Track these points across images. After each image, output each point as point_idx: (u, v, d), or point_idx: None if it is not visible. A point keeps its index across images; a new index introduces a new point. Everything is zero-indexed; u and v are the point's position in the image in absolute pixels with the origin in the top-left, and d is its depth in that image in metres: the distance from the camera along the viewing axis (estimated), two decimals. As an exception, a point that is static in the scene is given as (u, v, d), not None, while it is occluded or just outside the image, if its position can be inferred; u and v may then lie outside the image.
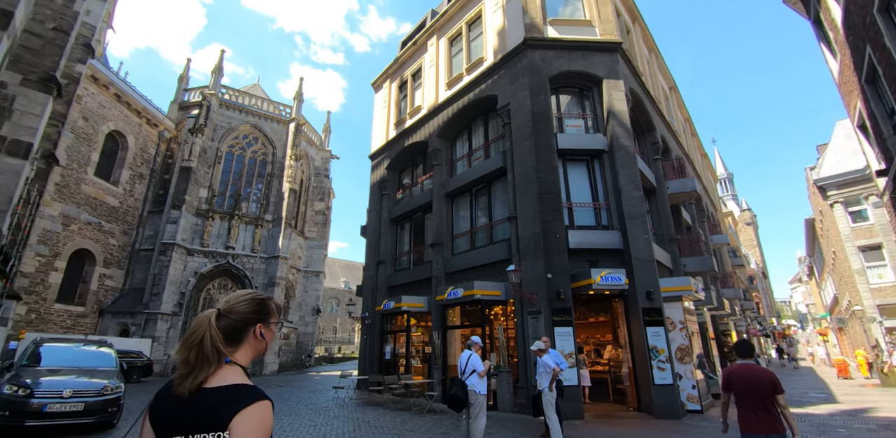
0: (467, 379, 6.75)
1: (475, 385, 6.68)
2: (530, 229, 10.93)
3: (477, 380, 6.70)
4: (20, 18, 7.23)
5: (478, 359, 6.90)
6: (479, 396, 6.65)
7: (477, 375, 6.74)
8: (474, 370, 6.78)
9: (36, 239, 17.34)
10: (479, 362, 6.88)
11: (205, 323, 1.32)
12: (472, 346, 7.14)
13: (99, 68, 20.58)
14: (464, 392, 6.63)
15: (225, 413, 1.16)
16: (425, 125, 16.06)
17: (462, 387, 6.67)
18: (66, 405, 6.74)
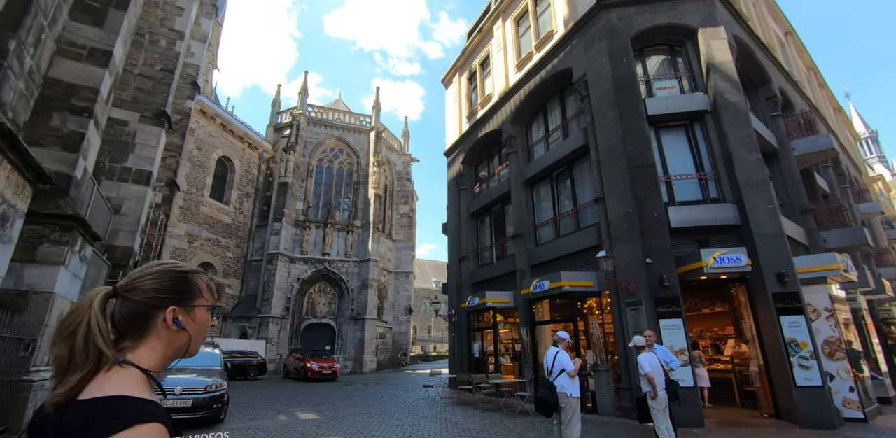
0: (556, 380, 5.87)
1: (565, 386, 5.76)
2: (621, 209, 9.60)
3: (567, 381, 5.78)
4: (119, 57, 8.09)
5: (566, 357, 5.97)
6: (570, 399, 5.72)
7: (566, 375, 5.82)
8: (563, 369, 5.87)
9: (168, 256, 19.96)
10: (568, 360, 5.96)
11: (85, 306, 0.88)
12: (559, 342, 6.24)
13: (206, 103, 23.32)
14: (552, 394, 5.75)
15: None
16: (497, 113, 15.35)
17: (550, 389, 5.80)
18: (178, 401, 7.20)
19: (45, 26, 5.18)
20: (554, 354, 6.08)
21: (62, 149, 6.98)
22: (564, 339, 6.29)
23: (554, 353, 6.09)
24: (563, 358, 5.98)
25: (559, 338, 6.28)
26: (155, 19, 15.14)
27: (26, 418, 5.67)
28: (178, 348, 0.99)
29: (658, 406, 5.69)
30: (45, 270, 6.20)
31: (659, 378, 5.82)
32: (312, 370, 16.96)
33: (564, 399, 5.77)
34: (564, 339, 6.29)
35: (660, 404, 5.69)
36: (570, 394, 5.78)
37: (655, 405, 5.70)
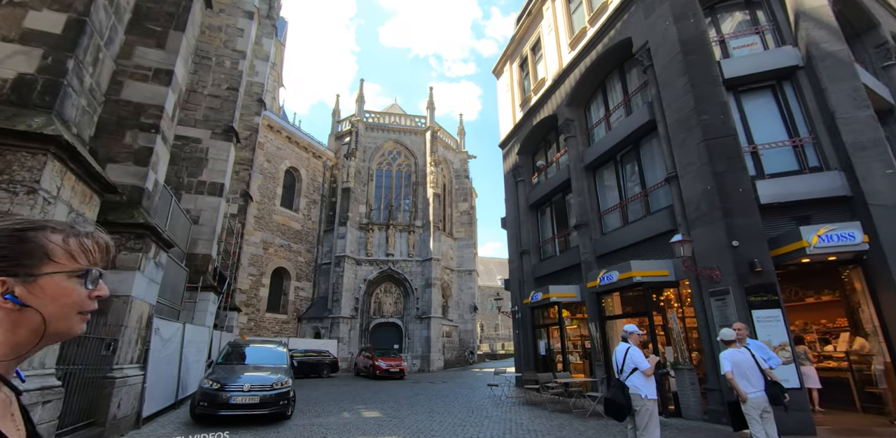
0: (627, 379, 5.20)
1: (639, 386, 5.08)
2: (698, 187, 8.49)
3: (641, 380, 5.10)
4: (181, 75, 8.64)
5: (638, 353, 5.28)
6: (645, 401, 5.03)
7: (640, 374, 5.13)
8: (635, 367, 5.19)
9: (247, 262, 21.49)
10: (641, 357, 5.26)
11: None
12: (629, 337, 5.54)
13: (272, 118, 24.79)
14: (624, 395, 5.09)
15: None
16: (552, 97, 14.52)
17: (621, 389, 5.14)
18: (246, 397, 7.46)
19: (102, 46, 5.55)
20: (624, 350, 5.41)
21: (134, 164, 7.53)
22: (634, 333, 5.58)
23: (624, 349, 5.42)
24: (635, 354, 5.29)
25: (628, 333, 5.59)
26: (219, 43, 16.30)
27: (111, 412, 6.14)
28: (33, 331, 0.73)
29: (752, 412, 4.80)
30: (123, 275, 6.68)
31: (754, 378, 4.94)
32: (381, 368, 17.25)
33: (638, 401, 5.08)
34: (634, 333, 5.58)
35: (754, 409, 4.80)
36: (644, 395, 5.09)
37: (748, 410, 4.82)
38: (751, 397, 4.84)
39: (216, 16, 16.36)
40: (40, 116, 4.46)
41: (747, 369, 4.99)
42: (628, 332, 5.61)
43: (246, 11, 16.86)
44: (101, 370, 6.10)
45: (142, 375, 7.21)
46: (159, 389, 8.05)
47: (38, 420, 4.24)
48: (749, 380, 4.93)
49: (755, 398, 4.83)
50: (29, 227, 0.74)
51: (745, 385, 4.90)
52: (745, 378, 4.95)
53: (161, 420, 7.74)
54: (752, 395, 4.83)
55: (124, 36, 8.25)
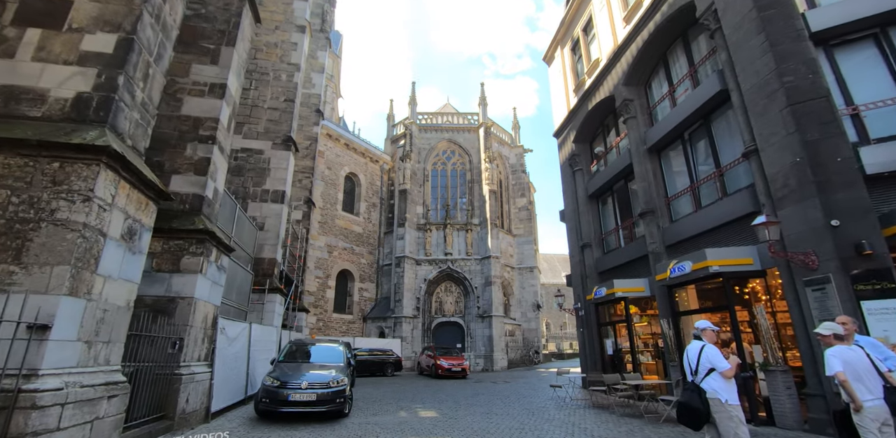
0: (703, 382, 4.53)
1: (717, 389, 4.39)
2: (784, 160, 7.34)
3: (720, 383, 4.41)
4: (234, 88, 9.11)
5: (715, 352, 4.59)
6: (725, 406, 4.33)
7: (718, 376, 4.43)
8: (712, 368, 4.50)
9: (313, 265, 22.53)
10: (719, 356, 4.57)
11: None
12: (702, 334, 4.86)
13: (330, 126, 25.81)
14: (700, 400, 4.43)
15: None
16: (607, 77, 13.55)
17: (697, 393, 4.48)
18: (304, 395, 7.63)
19: (151, 61, 5.91)
20: (698, 349, 4.72)
21: (194, 174, 8.00)
22: (708, 329, 4.87)
23: (698, 348, 4.73)
24: (710, 353, 4.59)
25: (700, 329, 4.91)
26: (276, 58, 17.20)
27: (179, 407, 6.52)
28: None
29: (869, 424, 3.90)
30: (186, 278, 7.09)
31: (871, 382, 4.05)
32: (442, 367, 17.17)
33: (718, 407, 4.39)
34: (708, 329, 4.87)
35: (872, 420, 3.90)
36: (724, 400, 4.38)
37: (863, 421, 3.93)
38: (867, 406, 3.96)
39: (272, 33, 17.32)
40: (94, 130, 4.79)
41: (862, 371, 4.09)
42: (701, 329, 4.93)
43: (298, 26, 17.64)
44: (169, 367, 6.51)
45: (209, 372, 7.63)
46: (228, 385, 8.50)
47: (103, 413, 4.54)
48: (865, 385, 4.04)
49: (873, 407, 3.93)
50: None
51: (860, 391, 4.02)
52: (860, 381, 4.06)
53: (229, 415, 8.16)
54: (870, 404, 3.95)
55: (182, 55, 8.94)
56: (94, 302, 4.56)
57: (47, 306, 4.02)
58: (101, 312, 4.68)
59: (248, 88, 16.10)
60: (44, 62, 5.12)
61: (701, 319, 5.20)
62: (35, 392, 3.74)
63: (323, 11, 25.62)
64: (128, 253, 5.19)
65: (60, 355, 4.12)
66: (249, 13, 9.95)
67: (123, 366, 5.36)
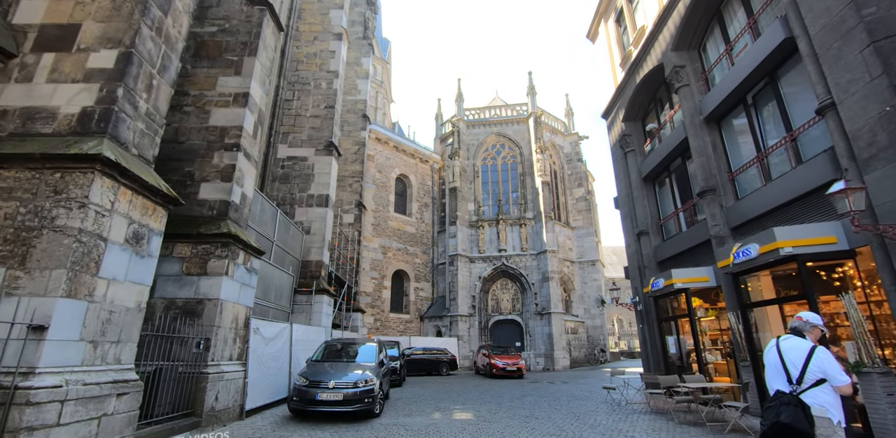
0: (806, 394, 3.43)
1: (827, 406, 3.27)
2: (870, 112, 5.92)
3: (832, 398, 3.30)
4: (258, 96, 9.40)
5: (830, 358, 3.39)
6: (838, 429, 3.28)
7: (830, 389, 3.30)
8: (823, 379, 3.41)
9: (368, 267, 23.04)
10: (835, 364, 3.38)
11: None
12: (808, 331, 3.66)
13: (378, 130, 26.28)
14: (806, 418, 3.23)
15: None
16: (654, 45, 12.19)
17: (801, 409, 3.26)
18: (330, 394, 7.60)
19: (155, 73, 6.15)
20: (807, 351, 3.49)
21: (221, 181, 8.31)
22: (815, 325, 3.62)
23: (806, 349, 3.51)
24: (825, 359, 3.31)
25: (809, 324, 3.65)
26: (315, 67, 17.78)
27: (206, 404, 6.73)
28: None
29: None
30: (213, 280, 7.34)
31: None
32: (497, 367, 16.59)
33: (827, 429, 3.28)
34: (815, 325, 3.62)
35: None
36: (837, 421, 3.30)
37: None
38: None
39: (311, 44, 17.96)
40: (93, 140, 5.03)
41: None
42: (810, 324, 3.65)
43: (335, 34, 18.12)
44: (196, 366, 6.76)
45: (242, 371, 7.86)
46: (266, 384, 8.71)
47: (112, 410, 4.72)
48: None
49: None
50: None
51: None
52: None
53: (267, 413, 8.36)
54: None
55: (209, 70, 9.39)
56: (97, 304, 4.76)
57: (44, 308, 4.23)
58: (106, 313, 4.88)
59: (292, 99, 16.82)
60: (56, 82, 5.50)
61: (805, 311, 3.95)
62: (30, 389, 3.92)
63: (365, 19, 26.21)
64: (135, 256, 5.40)
65: (61, 354, 4.31)
66: (271, 22, 10.23)
67: (143, 365, 5.62)
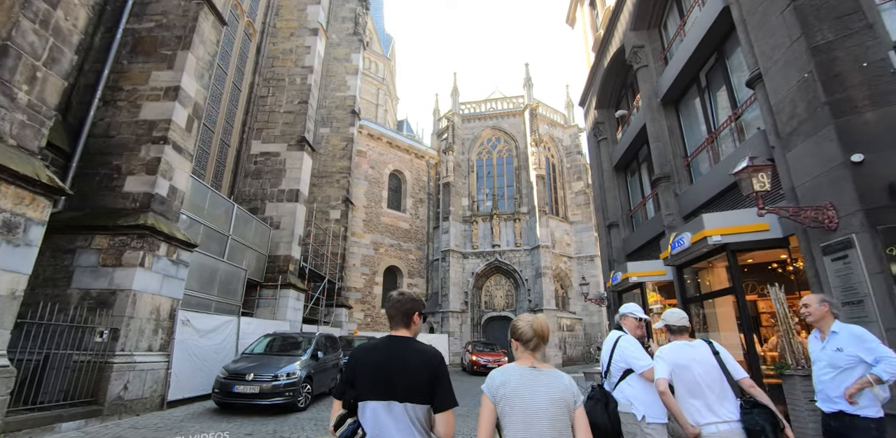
0: (616, 388, 3.27)
1: (633, 399, 3.13)
2: (790, 80, 5.27)
3: (639, 391, 3.12)
4: (192, 89, 9.37)
5: (633, 346, 3.33)
6: (642, 426, 3.09)
7: (639, 380, 3.14)
8: (627, 369, 3.23)
9: (359, 263, 23.03)
10: (638, 350, 3.29)
11: None
12: (624, 321, 3.60)
13: (370, 126, 26.20)
14: (607, 412, 2.97)
15: None
16: (617, 25, 11.52)
17: (604, 403, 3.00)
18: (248, 387, 7.52)
19: (40, 66, 6.19)
20: (613, 341, 3.46)
21: (146, 174, 8.33)
22: (624, 315, 3.58)
23: (613, 340, 3.47)
24: (626, 347, 3.35)
25: (618, 316, 3.66)
26: (291, 63, 17.81)
27: (111, 394, 6.73)
28: None
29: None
30: (127, 272, 7.35)
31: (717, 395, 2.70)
32: (477, 363, 16.26)
33: (631, 425, 3.11)
34: (624, 315, 3.58)
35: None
36: (641, 416, 3.07)
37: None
38: (706, 432, 2.50)
39: (287, 40, 18.01)
40: (-44, 131, 5.06)
41: (703, 379, 2.63)
42: (620, 314, 3.66)
43: (311, 29, 18.10)
44: (103, 355, 6.78)
45: (164, 362, 7.86)
46: (201, 376, 8.70)
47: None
48: (705, 400, 2.56)
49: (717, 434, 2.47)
50: None
51: (694, 409, 2.58)
52: (698, 395, 2.61)
53: (197, 404, 8.35)
54: (712, 429, 2.50)
55: (143, 65, 9.44)
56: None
57: None
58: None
59: (266, 96, 16.91)
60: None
61: (629, 303, 3.78)
62: None
63: (356, 15, 26.18)
64: (8, 246, 5.41)
65: None
66: (210, 16, 10.22)
67: (29, 353, 5.66)
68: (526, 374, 1.91)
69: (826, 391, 2.98)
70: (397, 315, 2.03)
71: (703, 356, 2.78)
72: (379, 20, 40.87)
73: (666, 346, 2.91)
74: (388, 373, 1.86)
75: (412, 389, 1.82)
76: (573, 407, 1.86)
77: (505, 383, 1.89)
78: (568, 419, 1.84)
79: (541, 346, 1.98)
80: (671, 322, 2.97)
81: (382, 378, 1.86)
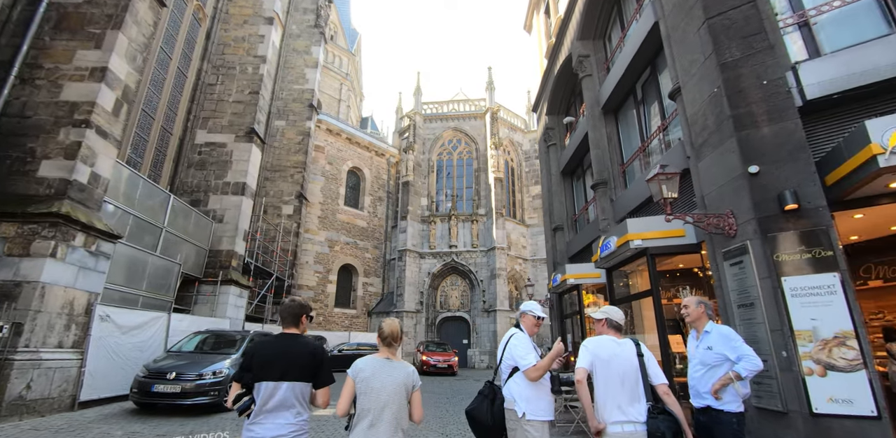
0: (505, 387, 3.24)
1: (517, 396, 3.05)
2: (704, 94, 5.57)
3: (522, 389, 3.06)
4: (121, 71, 8.82)
5: (523, 343, 3.28)
6: (522, 423, 2.99)
7: (523, 376, 3.07)
8: (515, 366, 3.19)
9: (312, 260, 22.53)
10: (525, 348, 3.24)
11: None
12: (522, 318, 3.54)
13: (329, 121, 25.70)
14: (491, 409, 3.11)
15: None
16: (566, 34, 11.83)
17: (490, 400, 3.14)
18: (168, 386, 7.15)
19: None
20: (506, 340, 3.43)
21: (64, 159, 7.78)
22: (528, 313, 3.52)
23: (507, 338, 3.44)
24: (516, 345, 3.27)
25: (521, 313, 3.60)
26: (243, 52, 17.17)
27: (9, 393, 6.24)
28: None
29: None
30: (35, 262, 6.83)
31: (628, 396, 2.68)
32: (428, 363, 16.30)
33: (513, 422, 3.10)
34: (528, 313, 3.52)
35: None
36: (522, 414, 3.06)
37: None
38: (611, 431, 2.55)
39: (240, 28, 17.36)
40: None
41: (620, 377, 2.69)
42: (522, 312, 3.61)
43: (266, 18, 17.53)
44: (2, 352, 6.27)
45: (77, 359, 7.37)
46: (123, 375, 8.21)
47: None
48: (617, 399, 2.63)
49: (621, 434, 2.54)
50: None
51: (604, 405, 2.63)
52: (611, 392, 2.67)
53: (114, 405, 7.90)
54: (616, 429, 2.55)
55: (68, 42, 8.84)
56: None
57: None
58: None
59: (215, 84, 16.23)
60: None
61: (529, 301, 3.81)
62: None
63: (317, 7, 25.63)
64: None
65: None
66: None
67: None
68: (380, 364, 2.50)
69: (696, 387, 3.16)
70: (289, 316, 2.60)
71: (626, 355, 2.78)
72: (345, 14, 40.19)
73: (593, 338, 2.93)
74: (278, 360, 2.41)
75: (296, 372, 2.40)
76: (411, 390, 2.49)
77: (363, 369, 2.47)
78: (405, 397, 2.45)
79: (394, 344, 2.61)
80: (613, 316, 2.99)
81: (273, 364, 2.39)
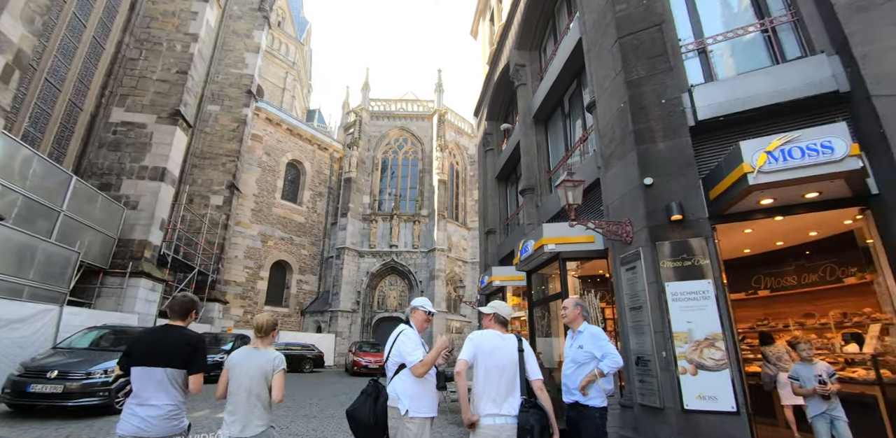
0: (390, 384, 3.10)
1: (401, 393, 2.95)
2: (612, 108, 5.87)
3: (407, 385, 2.97)
4: (17, 35, 7.86)
5: (410, 340, 3.15)
6: (405, 421, 2.90)
7: (409, 373, 2.98)
8: (401, 364, 3.07)
9: (242, 255, 21.37)
10: (413, 344, 3.12)
11: None
12: (413, 314, 3.43)
13: (270, 110, 24.57)
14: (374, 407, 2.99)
15: None
16: (506, 42, 12.10)
17: (373, 398, 3.02)
18: (48, 386, 6.42)
19: None
20: (395, 337, 3.28)
21: (-71, 127, 6.83)
22: (418, 309, 3.41)
23: (395, 335, 3.29)
24: (403, 341, 3.12)
25: (412, 308, 3.48)
26: (171, 27, 15.97)
27: None
28: None
29: None
30: None
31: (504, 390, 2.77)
32: (359, 364, 15.99)
33: (395, 420, 2.97)
34: (418, 309, 3.41)
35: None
36: (405, 411, 2.95)
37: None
38: (484, 423, 2.58)
39: (170, 1, 16.14)
40: None
41: (498, 371, 2.71)
42: (412, 307, 3.49)
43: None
44: None
45: (-72, 358, 6.43)
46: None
47: None
48: (492, 393, 2.66)
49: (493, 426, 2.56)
50: None
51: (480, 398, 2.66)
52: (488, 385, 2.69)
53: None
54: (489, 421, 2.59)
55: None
56: None
57: None
58: None
59: (137, 59, 14.97)
60: None
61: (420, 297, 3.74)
62: None
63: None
64: None
65: None
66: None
67: None
68: (247, 353, 2.85)
69: (567, 383, 3.28)
70: (180, 310, 2.84)
71: (507, 349, 2.78)
72: (297, 1, 38.73)
73: (479, 331, 2.92)
74: (156, 347, 2.66)
75: (171, 359, 2.63)
76: (271, 374, 2.78)
77: (233, 358, 2.83)
78: (265, 380, 2.75)
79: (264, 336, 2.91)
80: (501, 311, 2.98)
81: (152, 351, 2.64)
